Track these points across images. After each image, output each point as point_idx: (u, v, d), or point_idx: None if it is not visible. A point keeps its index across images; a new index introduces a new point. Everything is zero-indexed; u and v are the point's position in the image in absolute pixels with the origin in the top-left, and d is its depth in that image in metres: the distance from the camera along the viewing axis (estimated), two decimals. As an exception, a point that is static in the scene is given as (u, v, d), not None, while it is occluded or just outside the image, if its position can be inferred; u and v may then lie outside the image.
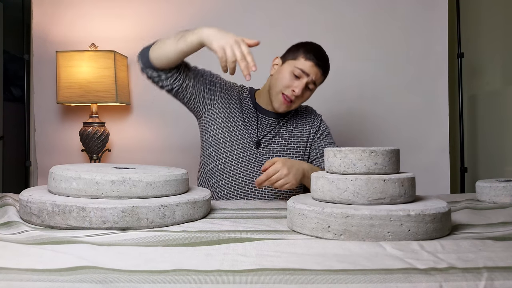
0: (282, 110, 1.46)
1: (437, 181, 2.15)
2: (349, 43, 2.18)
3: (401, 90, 2.18)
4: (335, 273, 0.63)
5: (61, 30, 2.17)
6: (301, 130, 1.53)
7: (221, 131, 1.45)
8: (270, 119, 1.50)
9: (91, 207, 0.87)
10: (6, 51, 2.60)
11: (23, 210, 0.94)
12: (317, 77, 1.42)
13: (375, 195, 0.85)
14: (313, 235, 0.84)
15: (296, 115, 1.55)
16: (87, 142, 2.01)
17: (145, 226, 0.90)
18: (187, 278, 0.62)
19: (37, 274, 0.62)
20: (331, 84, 2.17)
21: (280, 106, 1.45)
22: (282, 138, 1.49)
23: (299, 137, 1.51)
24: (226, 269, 0.64)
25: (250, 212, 1.12)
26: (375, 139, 2.17)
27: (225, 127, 1.46)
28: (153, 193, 0.95)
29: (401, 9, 2.18)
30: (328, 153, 0.93)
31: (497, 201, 1.22)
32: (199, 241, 0.80)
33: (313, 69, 1.41)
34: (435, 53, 2.18)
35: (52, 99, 2.14)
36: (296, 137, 1.51)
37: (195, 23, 2.18)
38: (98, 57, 1.96)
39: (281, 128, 1.51)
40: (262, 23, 2.13)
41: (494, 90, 2.13)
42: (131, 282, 0.61)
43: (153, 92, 2.16)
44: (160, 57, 1.32)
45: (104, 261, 0.67)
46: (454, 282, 0.61)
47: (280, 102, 1.43)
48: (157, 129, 2.18)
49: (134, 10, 2.17)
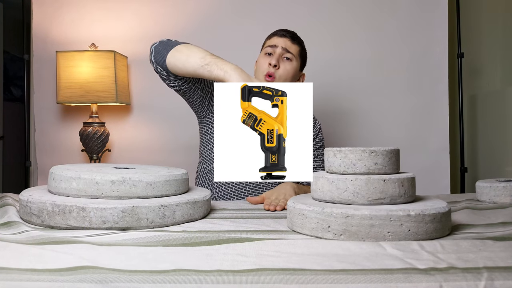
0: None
1: (437, 181, 2.15)
2: (349, 43, 2.18)
3: (401, 90, 2.18)
4: (335, 273, 0.63)
5: (61, 30, 2.17)
6: None
7: None
8: None
9: (91, 207, 0.87)
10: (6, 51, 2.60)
11: (23, 210, 0.94)
12: (288, 45, 1.45)
13: (375, 195, 0.85)
14: (313, 235, 0.84)
15: None
16: (87, 142, 2.01)
17: (145, 226, 0.90)
18: (187, 278, 0.62)
19: (37, 274, 0.62)
20: (330, 84, 2.18)
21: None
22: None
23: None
24: (226, 269, 0.64)
25: (250, 212, 1.12)
26: (375, 139, 2.17)
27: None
28: (153, 193, 0.95)
29: (401, 9, 2.18)
30: (328, 153, 0.93)
31: (497, 201, 1.22)
32: (199, 241, 0.80)
33: (279, 39, 1.45)
34: (435, 53, 2.18)
35: (52, 99, 2.14)
36: None
37: (194, 23, 2.20)
38: (98, 57, 1.96)
39: None
40: (262, 23, 2.12)
41: (494, 90, 2.13)
42: (131, 282, 0.61)
43: (153, 92, 2.18)
44: (177, 68, 1.25)
45: (104, 261, 0.67)
46: (454, 282, 0.61)
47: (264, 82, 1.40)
48: (157, 129, 2.18)
49: (134, 10, 2.17)
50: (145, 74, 2.17)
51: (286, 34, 1.47)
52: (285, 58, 1.45)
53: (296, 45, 1.48)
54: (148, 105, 2.18)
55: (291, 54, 1.45)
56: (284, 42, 1.45)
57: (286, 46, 1.44)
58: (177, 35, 2.16)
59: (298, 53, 1.48)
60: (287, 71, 1.45)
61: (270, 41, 1.48)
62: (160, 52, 1.28)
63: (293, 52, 1.46)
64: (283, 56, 1.44)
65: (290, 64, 1.45)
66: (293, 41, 1.47)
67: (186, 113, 1.54)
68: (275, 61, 1.42)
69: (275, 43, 1.45)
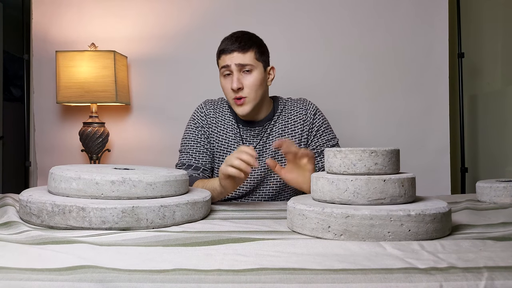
0: (245, 112, 1.35)
1: (438, 181, 2.14)
2: (349, 43, 2.18)
3: (401, 90, 2.18)
4: (335, 273, 0.63)
5: (61, 30, 2.17)
6: (292, 130, 1.43)
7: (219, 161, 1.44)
8: (254, 129, 1.42)
9: (91, 207, 0.87)
10: (6, 51, 2.60)
11: (23, 210, 0.94)
12: (240, 58, 1.32)
13: (375, 195, 0.85)
14: (313, 235, 0.84)
15: (284, 114, 1.45)
16: (87, 142, 2.01)
17: (145, 226, 0.90)
18: (187, 277, 0.62)
19: (36, 273, 0.62)
20: (330, 84, 2.18)
21: (240, 111, 1.36)
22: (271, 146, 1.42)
23: (290, 139, 1.41)
24: (226, 269, 0.64)
25: (250, 213, 1.12)
26: (375, 139, 2.17)
27: (222, 155, 1.43)
28: (153, 193, 0.95)
29: (402, 9, 2.18)
30: (328, 154, 0.93)
31: (498, 201, 1.22)
32: (199, 241, 0.80)
33: (228, 57, 1.33)
34: (436, 53, 2.18)
35: (52, 99, 2.13)
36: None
37: (195, 23, 2.19)
38: (98, 57, 1.96)
39: (270, 134, 1.43)
40: (261, 23, 2.12)
41: (495, 90, 2.13)
42: (131, 282, 0.61)
43: (153, 92, 2.18)
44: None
45: (103, 261, 0.66)
46: (455, 282, 0.61)
47: (236, 107, 1.36)
48: (157, 129, 2.18)
49: (134, 10, 2.17)
50: (145, 74, 2.17)
51: (233, 47, 1.32)
52: (245, 71, 1.34)
53: (249, 53, 1.33)
54: (148, 105, 2.18)
55: (249, 66, 1.33)
56: (235, 58, 1.32)
57: (239, 61, 1.32)
58: (177, 34, 2.16)
59: (255, 59, 1.34)
60: (252, 83, 1.34)
61: (221, 61, 1.35)
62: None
63: (250, 62, 1.33)
64: (241, 71, 1.33)
65: (252, 76, 1.34)
66: (244, 50, 1.33)
67: (186, 113, 1.54)
68: (236, 84, 1.31)
69: (227, 63, 1.33)
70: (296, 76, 2.13)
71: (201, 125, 1.43)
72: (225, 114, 1.45)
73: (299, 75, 2.14)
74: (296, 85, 2.07)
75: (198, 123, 1.44)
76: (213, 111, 1.45)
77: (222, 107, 1.46)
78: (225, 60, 1.34)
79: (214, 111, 1.45)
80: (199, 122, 1.44)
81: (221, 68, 1.36)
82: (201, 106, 1.47)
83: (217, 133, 1.43)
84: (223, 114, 1.45)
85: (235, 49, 1.33)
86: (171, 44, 2.16)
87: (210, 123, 1.44)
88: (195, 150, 1.41)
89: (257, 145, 1.43)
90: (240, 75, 1.34)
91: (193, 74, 2.15)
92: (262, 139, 1.43)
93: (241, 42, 1.34)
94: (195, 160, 1.40)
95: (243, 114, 1.37)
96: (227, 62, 1.33)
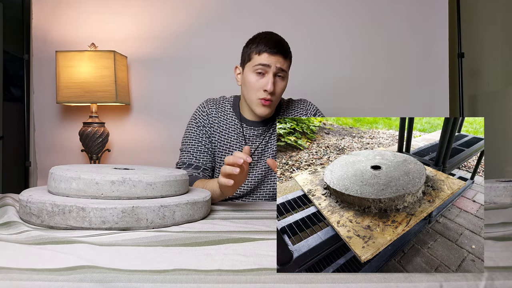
0: (267, 113, 1.37)
1: (437, 181, 2.14)
2: (349, 43, 2.18)
3: (401, 90, 2.18)
4: (335, 273, 0.63)
5: (61, 30, 2.17)
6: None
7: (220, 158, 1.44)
8: (258, 129, 1.44)
9: (90, 207, 0.87)
10: (6, 51, 2.60)
11: (23, 210, 0.94)
12: (281, 63, 1.33)
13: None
14: (313, 235, 0.84)
15: (285, 115, 1.49)
16: (87, 142, 2.01)
17: (144, 226, 0.89)
18: (187, 277, 0.62)
19: (36, 273, 0.62)
20: (331, 84, 2.18)
21: (263, 111, 1.36)
22: (274, 146, 1.44)
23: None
24: (226, 269, 0.64)
25: (250, 213, 1.12)
26: (375, 139, 2.17)
27: (224, 155, 1.43)
28: (153, 193, 0.95)
29: (402, 9, 2.18)
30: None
31: (498, 201, 1.22)
32: (199, 241, 0.80)
33: (271, 58, 1.32)
34: (435, 53, 2.18)
35: (52, 99, 2.13)
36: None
37: (193, 23, 2.19)
38: (97, 57, 1.96)
39: (272, 134, 1.45)
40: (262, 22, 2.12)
41: (494, 90, 2.13)
42: (131, 282, 0.61)
43: (153, 92, 2.18)
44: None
45: (103, 261, 0.66)
46: (455, 282, 0.61)
47: (261, 107, 1.36)
48: (157, 129, 2.18)
49: (134, 10, 2.17)
50: (145, 74, 2.17)
51: (277, 51, 1.32)
52: (279, 76, 1.35)
53: (288, 60, 1.36)
54: (148, 105, 2.18)
55: (284, 72, 1.35)
56: (277, 61, 1.32)
57: (280, 65, 1.33)
58: (177, 34, 2.16)
59: (288, 67, 1.37)
60: (281, 89, 1.37)
61: (260, 58, 1.33)
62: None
63: (286, 69, 1.36)
64: (276, 76, 1.34)
65: (283, 82, 1.37)
66: (286, 57, 1.34)
67: (186, 113, 1.54)
68: (271, 86, 1.32)
69: (268, 63, 1.32)
70: (294, 77, 2.13)
71: (203, 124, 1.43)
72: (227, 113, 1.45)
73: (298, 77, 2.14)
74: (296, 85, 2.07)
75: (200, 122, 1.44)
76: (215, 110, 1.45)
77: (224, 106, 1.47)
78: (267, 59, 1.32)
79: (216, 110, 1.45)
80: (200, 121, 1.44)
81: (256, 65, 1.33)
82: (202, 105, 1.46)
83: (219, 132, 1.43)
84: (225, 113, 1.45)
85: (279, 53, 1.33)
86: (171, 44, 2.16)
87: (212, 122, 1.44)
88: (196, 149, 1.42)
89: (259, 144, 1.43)
90: (274, 79, 1.34)
91: (193, 74, 2.15)
92: (265, 139, 1.44)
93: (283, 46, 1.35)
94: (195, 159, 1.41)
95: (264, 115, 1.38)
96: (269, 62, 1.32)
